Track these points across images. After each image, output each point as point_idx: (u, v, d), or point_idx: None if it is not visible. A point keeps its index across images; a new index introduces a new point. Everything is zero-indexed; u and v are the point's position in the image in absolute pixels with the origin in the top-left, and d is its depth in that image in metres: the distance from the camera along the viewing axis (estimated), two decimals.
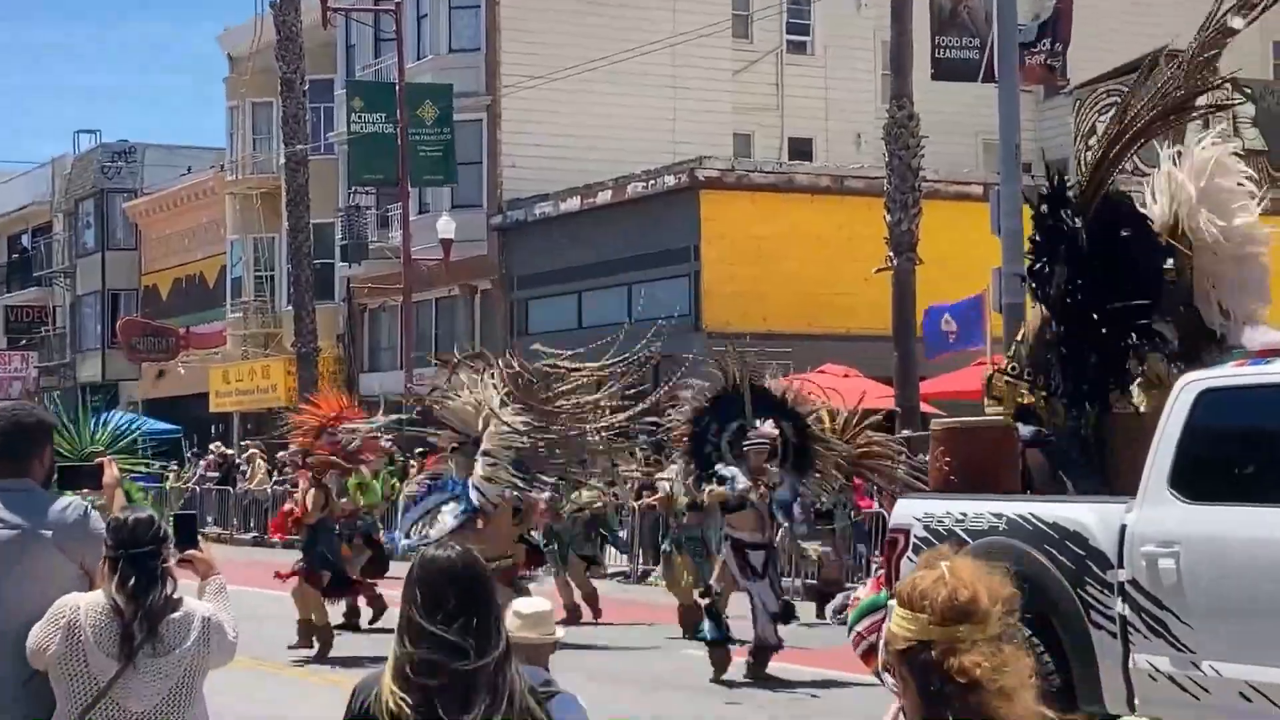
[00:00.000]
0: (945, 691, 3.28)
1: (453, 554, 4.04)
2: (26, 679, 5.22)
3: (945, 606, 3.31)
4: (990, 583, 3.37)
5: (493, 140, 41.14)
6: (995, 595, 3.34)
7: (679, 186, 35.20)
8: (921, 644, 3.32)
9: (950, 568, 3.37)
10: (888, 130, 29.70)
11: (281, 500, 34.09)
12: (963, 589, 3.32)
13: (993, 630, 3.31)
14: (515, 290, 40.41)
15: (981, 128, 38.28)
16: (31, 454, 5.51)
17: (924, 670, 3.31)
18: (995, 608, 3.33)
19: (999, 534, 9.79)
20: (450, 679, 3.89)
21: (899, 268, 28.60)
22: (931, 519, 10.20)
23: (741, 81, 42.02)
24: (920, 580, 3.38)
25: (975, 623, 3.30)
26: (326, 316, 43.90)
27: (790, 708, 13.32)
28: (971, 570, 3.37)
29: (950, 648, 3.27)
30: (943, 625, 3.30)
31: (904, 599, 3.39)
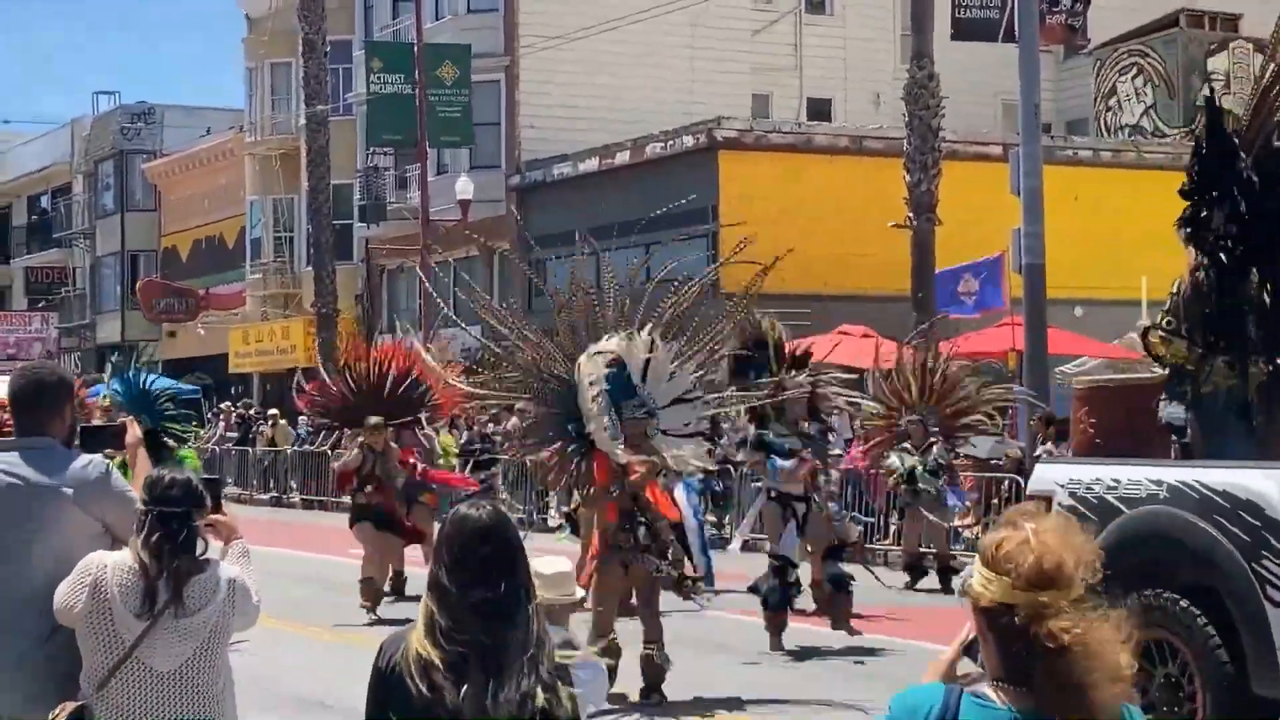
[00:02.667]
0: (1029, 655, 3.27)
1: (484, 513, 4.06)
2: (49, 634, 5.28)
3: (1031, 573, 3.28)
4: (1075, 546, 3.34)
5: (511, 101, 41.08)
6: (1080, 560, 3.32)
7: (697, 147, 35.15)
8: (1004, 606, 3.30)
9: (1035, 531, 3.33)
10: (908, 90, 29.64)
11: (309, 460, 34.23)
12: (1049, 555, 3.29)
13: (1076, 594, 3.30)
14: (534, 250, 40.39)
15: (1001, 88, 38.15)
16: (52, 412, 5.54)
17: (1006, 633, 3.30)
18: (1079, 572, 3.31)
19: (1159, 502, 9.11)
20: (480, 637, 3.92)
21: (918, 228, 28.60)
22: (1078, 485, 9.50)
23: (760, 42, 41.89)
24: (1005, 542, 3.34)
25: (1060, 588, 3.28)
26: (346, 277, 43.93)
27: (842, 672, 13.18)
28: (1057, 533, 3.34)
29: (1035, 613, 3.26)
30: (1027, 591, 3.28)
31: (987, 559, 3.36)
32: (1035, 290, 22.86)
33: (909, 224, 28.65)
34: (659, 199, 35.07)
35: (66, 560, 5.31)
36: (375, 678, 4.03)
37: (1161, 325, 10.07)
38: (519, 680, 3.90)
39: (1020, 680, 3.28)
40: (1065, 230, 27.50)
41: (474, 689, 3.88)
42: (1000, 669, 3.32)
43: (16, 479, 5.42)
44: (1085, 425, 10.05)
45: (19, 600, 5.33)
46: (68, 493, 5.42)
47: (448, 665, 3.90)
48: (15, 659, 5.29)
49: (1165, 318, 10.09)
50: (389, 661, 4.00)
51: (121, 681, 5.10)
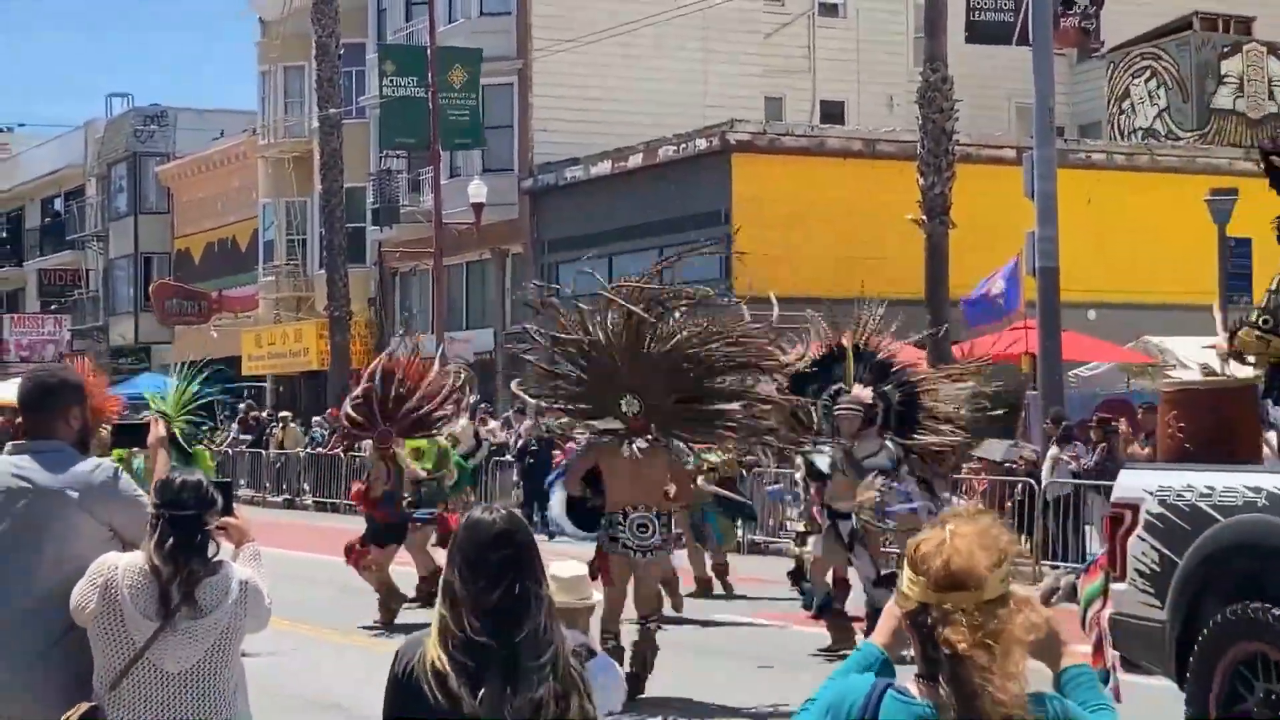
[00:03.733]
0: (938, 657, 3.34)
1: (497, 517, 4.05)
2: (59, 637, 5.28)
3: (940, 574, 3.36)
4: (991, 547, 3.38)
5: (524, 104, 41.09)
6: (995, 561, 3.36)
7: (710, 150, 35.13)
8: (922, 605, 3.39)
9: (953, 532, 3.39)
10: (921, 93, 29.59)
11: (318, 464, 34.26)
12: (957, 557, 3.35)
13: (989, 595, 3.34)
14: (546, 254, 40.43)
15: (1014, 91, 38.13)
16: (57, 415, 5.56)
17: (923, 631, 3.38)
18: (993, 574, 3.35)
19: (1257, 510, 8.69)
20: (494, 642, 3.91)
21: (931, 231, 28.54)
22: (1168, 493, 9.12)
23: (773, 44, 41.87)
24: (924, 543, 3.42)
25: (970, 589, 3.33)
26: (358, 280, 43.98)
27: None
28: (973, 535, 3.39)
29: (943, 615, 3.33)
30: (938, 591, 3.35)
31: (910, 559, 3.44)
32: (1049, 294, 22.83)
33: (922, 225, 28.61)
34: (672, 202, 35.26)
35: (72, 563, 5.31)
36: (391, 684, 4.02)
37: (1258, 323, 9.60)
38: (534, 684, 3.88)
39: (935, 676, 3.36)
40: (1078, 233, 27.46)
41: (490, 694, 3.86)
42: (921, 665, 3.40)
43: (25, 481, 5.44)
44: (1174, 430, 9.53)
45: (26, 603, 5.34)
46: (73, 496, 5.43)
47: (462, 671, 3.88)
48: (25, 661, 5.30)
49: (1261, 315, 9.62)
50: (405, 667, 3.99)
51: (133, 683, 5.10)
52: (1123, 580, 9.28)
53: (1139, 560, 9.24)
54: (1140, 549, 9.24)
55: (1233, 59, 40.38)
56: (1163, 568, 9.12)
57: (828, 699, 3.46)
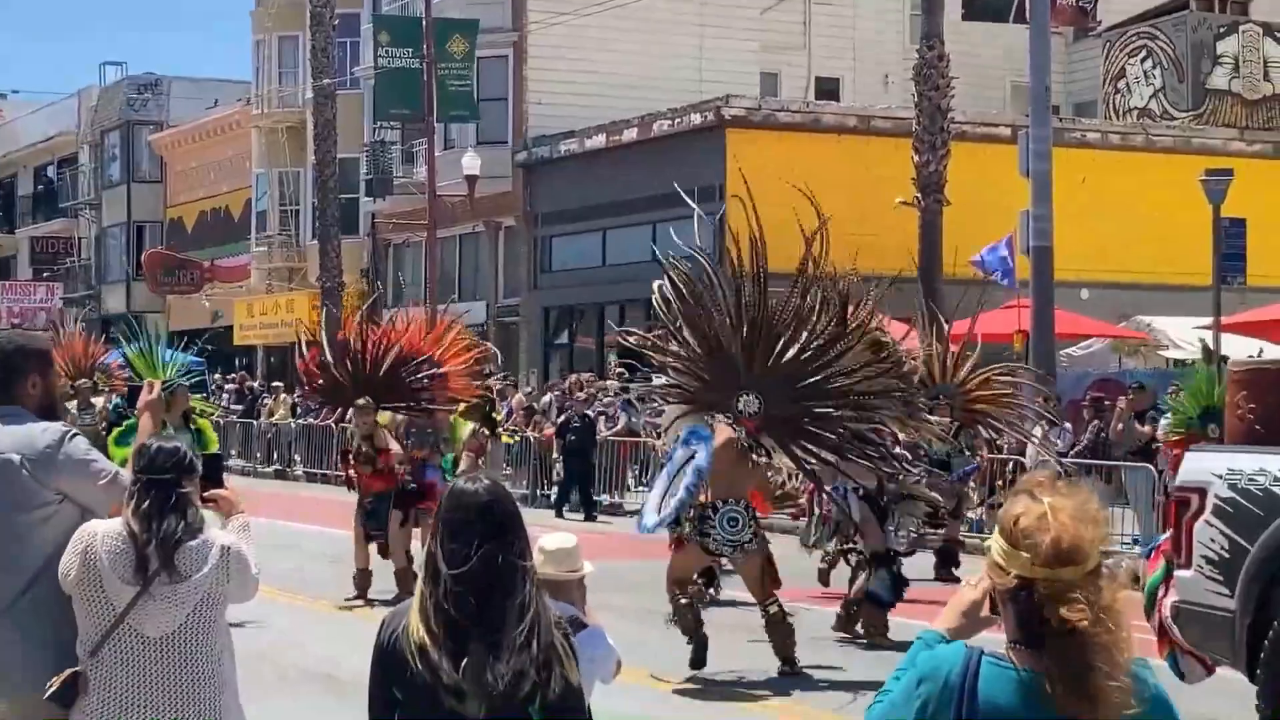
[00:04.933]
0: (1042, 631, 3.33)
1: (480, 488, 4.05)
2: (20, 592, 5.30)
3: (1050, 552, 3.33)
4: (1091, 520, 3.39)
5: (518, 76, 41.01)
6: (1096, 533, 3.38)
7: (705, 125, 35.08)
8: (1023, 580, 3.36)
9: (1053, 507, 3.37)
10: (917, 70, 29.57)
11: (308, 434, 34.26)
12: (1066, 534, 3.34)
13: (1092, 565, 3.36)
14: (539, 227, 40.39)
15: (1010, 70, 38.11)
16: (14, 381, 5.55)
17: (1025, 609, 3.37)
18: (1095, 544, 3.37)
19: None
20: (477, 613, 3.91)
21: (926, 208, 28.55)
22: (1239, 476, 8.78)
23: (769, 20, 41.78)
24: (1023, 517, 3.39)
25: (1077, 564, 3.33)
26: (351, 251, 43.93)
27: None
28: (1073, 509, 3.38)
29: (1055, 592, 3.32)
30: (1046, 567, 3.33)
31: (1006, 532, 3.41)
32: (1043, 272, 22.85)
33: (916, 204, 28.59)
34: (665, 177, 35.14)
35: (16, 530, 5.31)
36: (377, 653, 4.03)
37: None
38: (516, 654, 3.88)
39: (1036, 645, 3.35)
40: (1072, 213, 27.45)
41: (472, 663, 3.87)
42: (1017, 634, 3.39)
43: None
44: (1244, 411, 9.12)
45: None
46: (14, 459, 5.41)
47: (445, 641, 3.88)
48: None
49: None
50: (390, 637, 3.99)
51: (113, 648, 5.10)
52: (1188, 567, 8.98)
53: (1206, 547, 8.88)
54: (1208, 535, 8.89)
55: (1229, 39, 40.33)
56: (1232, 555, 8.76)
57: (918, 671, 3.44)
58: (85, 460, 5.49)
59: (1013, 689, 3.34)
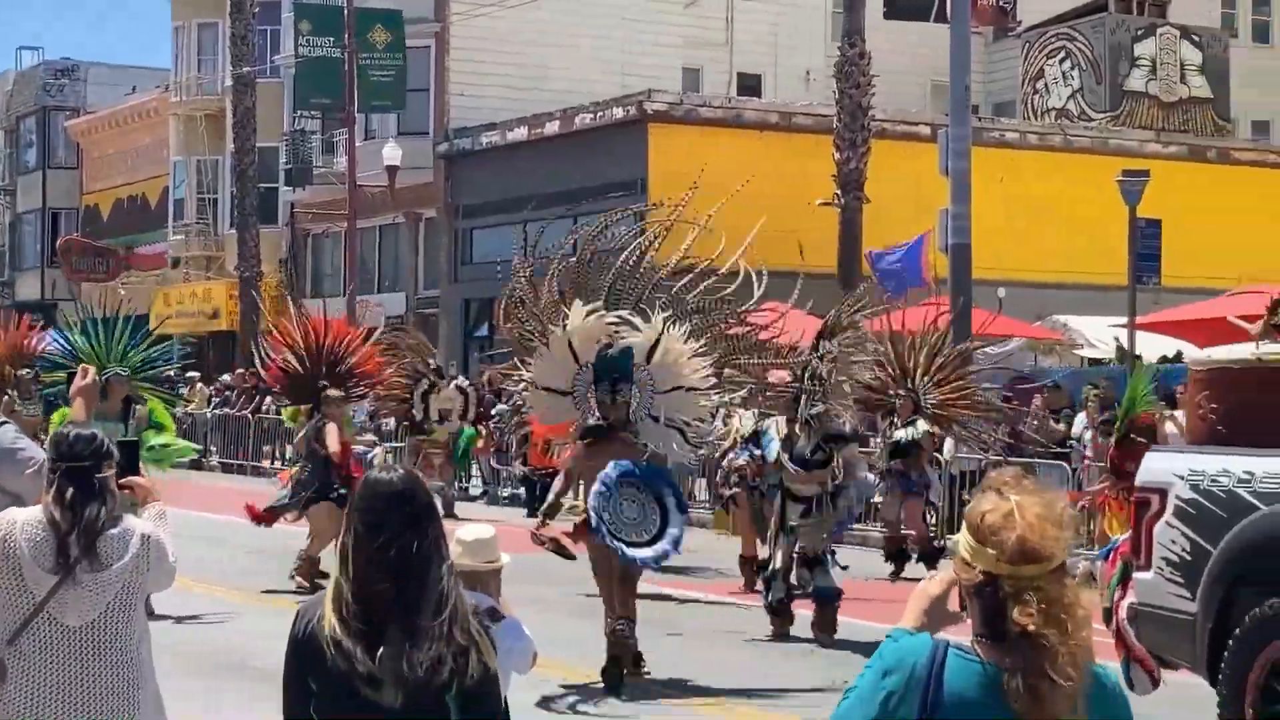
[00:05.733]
0: (1005, 627, 3.37)
1: (396, 477, 4.03)
2: None
3: (1015, 549, 3.37)
4: (1057, 519, 3.42)
5: (441, 68, 40.87)
6: (1061, 533, 3.41)
7: (627, 119, 35.10)
8: (989, 575, 3.40)
9: (1019, 505, 3.41)
10: (839, 68, 29.73)
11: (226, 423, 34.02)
12: (1032, 533, 3.37)
13: (1056, 564, 3.39)
14: (460, 219, 40.29)
15: (930, 69, 38.34)
16: None
17: (989, 605, 3.40)
18: (1060, 544, 3.40)
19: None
20: (392, 601, 3.89)
21: (846, 206, 28.72)
22: (1201, 477, 8.58)
23: (692, 15, 41.86)
24: (990, 514, 3.42)
25: (1042, 563, 3.37)
26: (269, 241, 43.67)
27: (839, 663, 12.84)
28: (1040, 508, 3.41)
29: (1014, 590, 3.36)
30: (1010, 565, 3.37)
31: (973, 528, 3.44)
32: (961, 270, 23.02)
33: (836, 202, 28.74)
34: (587, 170, 35.19)
35: None
36: (291, 644, 4.00)
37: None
38: (432, 643, 3.87)
39: (999, 639, 3.39)
40: (991, 212, 27.67)
41: (388, 652, 3.86)
42: (982, 628, 3.42)
43: None
44: (1205, 410, 8.91)
45: None
46: None
47: (360, 631, 3.87)
48: None
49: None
50: (305, 628, 3.97)
51: (33, 636, 5.06)
52: (1148, 569, 8.82)
53: (1167, 548, 8.71)
54: (1169, 536, 8.72)
55: (1146, 42, 40.79)
56: (1194, 557, 8.58)
57: (884, 662, 3.45)
58: (12, 449, 5.45)
59: (977, 681, 3.38)
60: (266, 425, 32.62)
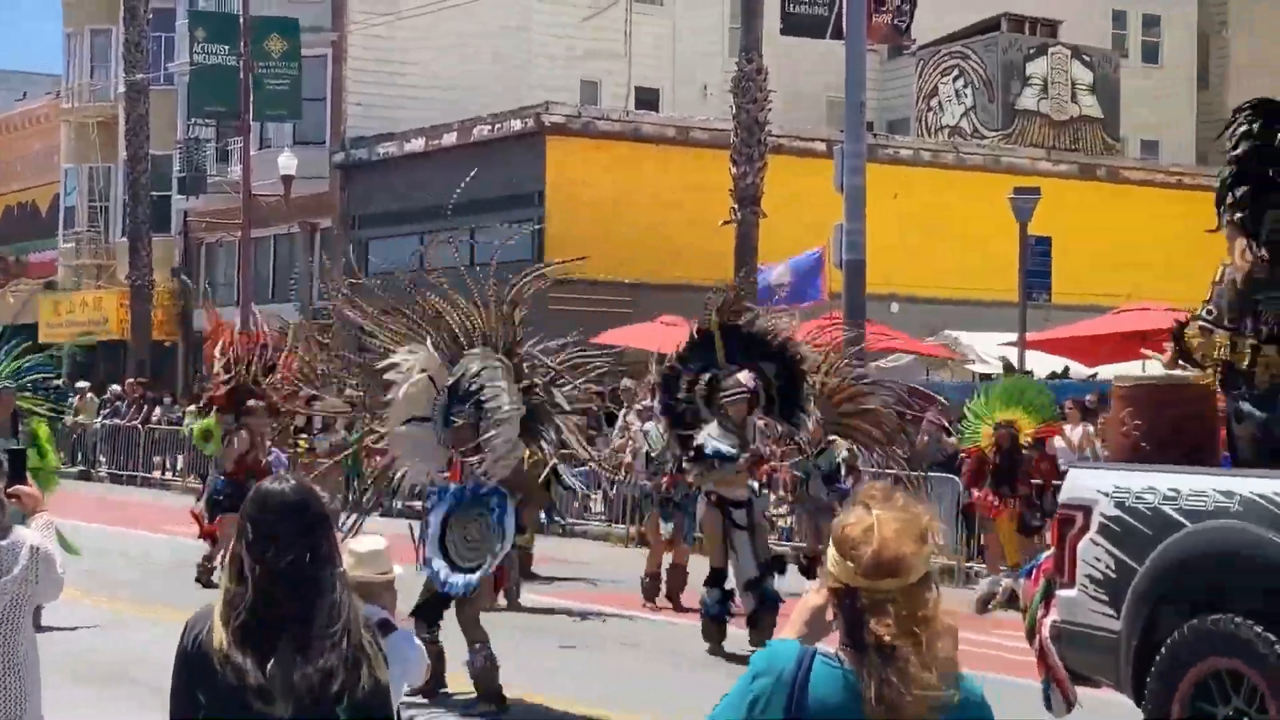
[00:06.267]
0: (864, 637, 3.42)
1: (288, 488, 4.01)
2: None
3: (871, 563, 3.42)
4: (917, 534, 3.46)
5: (338, 77, 40.66)
6: (920, 548, 3.44)
7: (525, 131, 35.08)
8: (849, 588, 3.45)
9: (880, 519, 3.45)
10: (736, 83, 29.88)
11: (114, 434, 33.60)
12: (888, 547, 3.41)
13: (918, 576, 3.43)
14: (357, 229, 40.07)
15: (826, 85, 38.62)
16: None
17: (850, 615, 3.45)
18: (919, 557, 3.43)
19: (1229, 516, 8.08)
20: (284, 612, 3.88)
21: (742, 220, 28.87)
22: (1126, 494, 8.52)
23: (590, 28, 41.90)
24: (852, 527, 3.47)
25: (900, 577, 3.41)
26: (162, 249, 43.20)
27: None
28: (900, 523, 3.45)
29: (871, 602, 3.41)
30: (867, 578, 3.42)
31: (837, 540, 3.49)
32: (855, 285, 23.18)
33: (733, 216, 28.90)
34: (485, 182, 35.11)
35: None
36: (180, 656, 3.97)
37: (1202, 316, 9.09)
38: (324, 654, 3.86)
39: (861, 648, 3.44)
40: (885, 227, 27.92)
41: (280, 663, 3.85)
42: (846, 637, 3.47)
43: None
44: (1129, 429, 8.85)
45: None
46: None
47: (251, 642, 3.85)
48: None
49: (1206, 308, 9.09)
50: (194, 640, 3.94)
51: None
52: (1071, 587, 8.76)
53: (1091, 566, 8.68)
54: (1093, 554, 8.69)
55: (1038, 61, 41.36)
56: (1119, 574, 8.56)
57: (754, 667, 3.50)
58: None
59: (840, 688, 3.42)
60: (157, 436, 32.26)
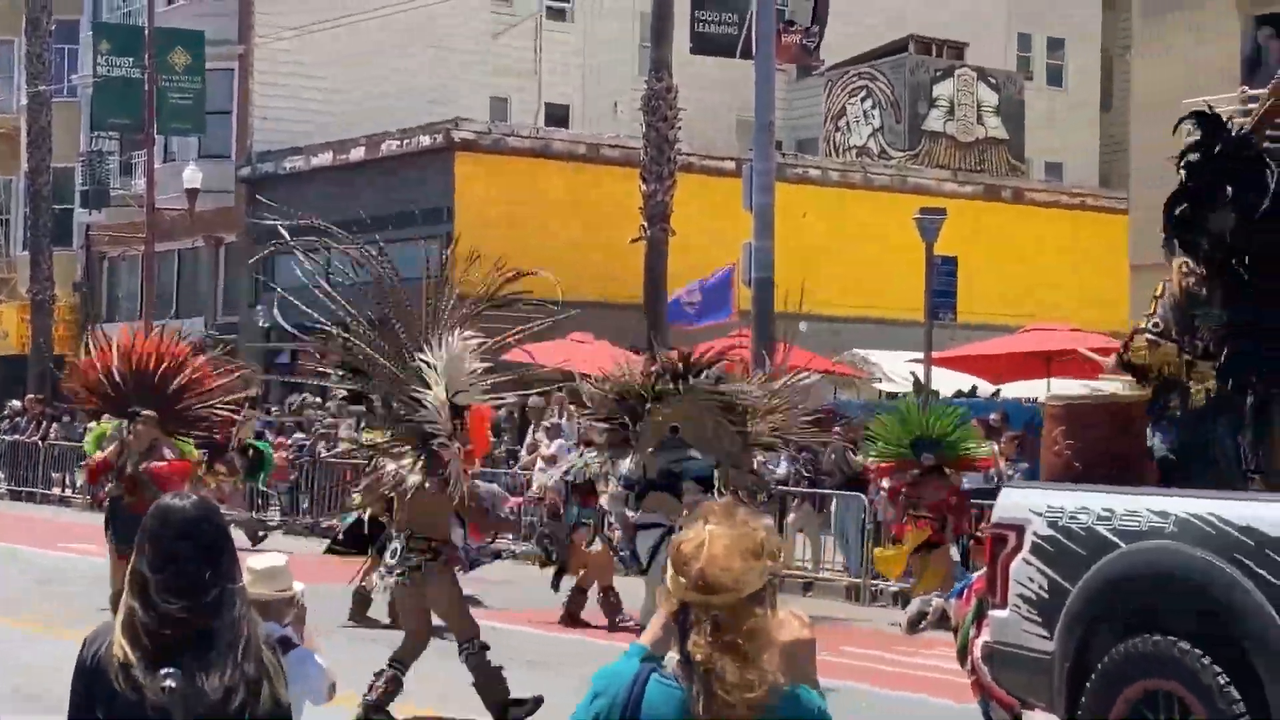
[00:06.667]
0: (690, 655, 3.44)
1: (189, 504, 3.98)
2: None
3: (697, 578, 3.44)
4: (748, 550, 3.45)
5: (244, 90, 40.36)
6: (749, 564, 3.43)
7: (434, 147, 34.96)
8: (683, 604, 3.47)
9: (711, 535, 3.46)
10: (646, 101, 29.92)
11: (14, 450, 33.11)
12: (714, 564, 3.42)
13: (746, 593, 3.42)
14: (262, 243, 39.76)
15: (736, 104, 38.76)
16: None
17: (683, 630, 3.48)
18: (750, 573, 3.43)
19: (1164, 536, 8.00)
20: (184, 630, 3.83)
21: (652, 237, 28.90)
22: (1060, 514, 8.44)
23: (501, 45, 41.88)
24: (686, 544, 3.49)
25: (726, 593, 3.41)
26: (64, 263, 42.70)
27: None
28: (730, 539, 3.45)
29: (699, 617, 3.42)
30: (696, 593, 3.43)
31: (671, 556, 3.51)
32: (763, 304, 23.26)
33: (643, 234, 28.92)
34: (394, 198, 34.95)
35: None
36: (78, 673, 3.93)
37: (1148, 329, 9.03)
38: (224, 672, 3.83)
39: (690, 662, 3.47)
40: (794, 246, 28.02)
41: (179, 681, 3.79)
42: (679, 651, 3.50)
43: None
44: (1061, 448, 8.79)
45: None
46: None
47: (150, 659, 3.81)
48: None
49: (1151, 321, 9.04)
50: (93, 656, 3.90)
51: None
52: (1004, 607, 8.68)
53: (1024, 586, 8.58)
54: (1026, 574, 8.59)
55: (944, 83, 41.74)
56: (1052, 595, 8.46)
57: (595, 686, 3.53)
58: None
59: (674, 704, 3.45)
60: (57, 452, 31.80)
